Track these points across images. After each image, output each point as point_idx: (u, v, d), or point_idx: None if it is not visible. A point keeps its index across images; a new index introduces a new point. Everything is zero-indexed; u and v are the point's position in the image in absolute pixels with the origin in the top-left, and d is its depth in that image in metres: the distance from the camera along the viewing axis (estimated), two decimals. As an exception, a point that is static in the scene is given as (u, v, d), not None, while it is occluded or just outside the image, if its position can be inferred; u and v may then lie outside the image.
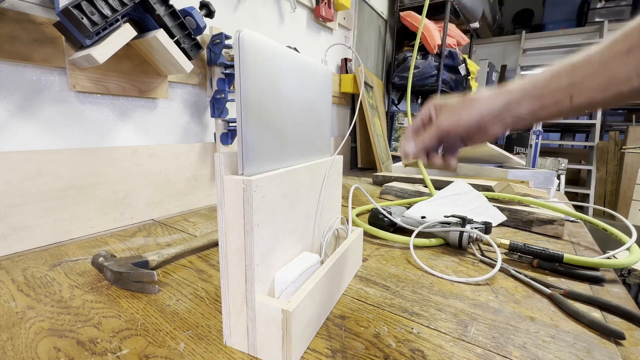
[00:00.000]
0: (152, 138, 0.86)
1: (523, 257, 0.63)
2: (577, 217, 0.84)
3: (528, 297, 0.50)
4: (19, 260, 0.59)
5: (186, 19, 0.76)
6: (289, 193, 0.40)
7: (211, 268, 0.58)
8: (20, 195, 0.61)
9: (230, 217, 0.34)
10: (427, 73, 2.00)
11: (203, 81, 0.96)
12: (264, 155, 0.37)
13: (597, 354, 0.38)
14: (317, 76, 0.47)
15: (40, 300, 0.46)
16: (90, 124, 0.73)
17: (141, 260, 0.53)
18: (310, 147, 0.47)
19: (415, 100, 2.74)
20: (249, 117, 0.33)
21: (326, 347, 0.38)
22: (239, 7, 1.06)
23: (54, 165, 0.65)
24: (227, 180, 0.34)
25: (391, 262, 0.62)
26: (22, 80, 0.62)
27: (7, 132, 0.61)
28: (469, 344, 0.39)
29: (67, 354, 0.36)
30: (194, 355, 0.36)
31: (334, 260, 0.45)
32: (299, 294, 0.36)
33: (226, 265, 0.35)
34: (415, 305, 0.47)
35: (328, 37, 1.56)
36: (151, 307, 0.45)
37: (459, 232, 0.67)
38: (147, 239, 0.71)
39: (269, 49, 0.36)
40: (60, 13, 0.56)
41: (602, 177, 3.24)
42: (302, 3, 1.34)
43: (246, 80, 0.32)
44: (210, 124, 1.01)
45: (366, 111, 1.60)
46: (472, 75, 2.41)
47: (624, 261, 0.58)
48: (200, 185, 0.97)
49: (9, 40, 0.58)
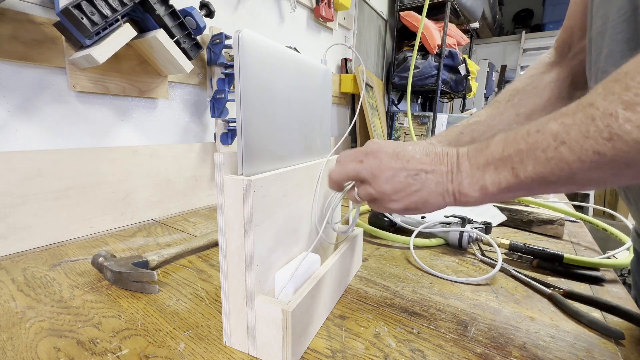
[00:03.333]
0: (152, 138, 0.86)
1: (523, 257, 0.63)
2: (577, 217, 0.84)
3: (528, 297, 0.50)
4: (19, 260, 0.59)
5: (186, 19, 0.76)
6: (288, 193, 0.40)
7: (211, 268, 0.58)
8: (20, 195, 0.61)
9: (230, 217, 0.34)
10: (427, 73, 2.00)
11: (203, 81, 0.96)
12: (264, 155, 0.37)
13: (597, 354, 0.38)
14: (317, 76, 0.47)
15: (40, 300, 0.46)
16: (90, 124, 0.73)
17: (141, 260, 0.53)
18: (310, 147, 0.47)
19: (415, 100, 2.74)
20: (249, 117, 0.33)
21: (326, 347, 0.38)
22: (239, 7, 1.06)
23: (54, 165, 0.65)
24: (227, 180, 0.34)
25: (391, 262, 0.62)
26: (22, 80, 0.62)
27: (7, 132, 0.61)
28: (469, 344, 0.39)
29: (67, 354, 0.36)
30: (194, 355, 0.36)
31: (334, 260, 0.45)
32: (299, 294, 0.36)
33: (226, 265, 0.35)
34: (415, 305, 0.47)
35: (328, 37, 1.56)
36: (151, 307, 0.45)
37: (459, 232, 0.67)
38: (147, 239, 0.71)
39: (269, 49, 0.36)
40: (60, 13, 0.56)
41: (602, 177, 3.23)
42: (302, 3, 1.34)
43: (246, 80, 0.32)
44: (210, 124, 1.01)
45: (366, 111, 1.60)
46: (472, 75, 2.41)
47: (624, 261, 0.58)
48: (200, 185, 0.97)
49: (9, 40, 0.58)
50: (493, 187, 0.28)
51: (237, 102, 0.33)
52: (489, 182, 0.28)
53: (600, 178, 0.23)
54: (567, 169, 0.24)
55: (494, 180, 0.28)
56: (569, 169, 0.24)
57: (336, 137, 1.69)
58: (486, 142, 0.30)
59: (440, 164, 0.32)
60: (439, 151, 0.33)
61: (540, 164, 0.25)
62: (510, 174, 0.27)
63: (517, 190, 0.28)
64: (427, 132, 1.90)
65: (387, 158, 0.34)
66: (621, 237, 0.72)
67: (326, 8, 1.42)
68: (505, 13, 4.52)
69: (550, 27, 3.95)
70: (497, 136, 0.29)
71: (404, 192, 0.33)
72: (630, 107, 0.21)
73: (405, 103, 2.31)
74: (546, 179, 0.25)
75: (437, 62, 1.99)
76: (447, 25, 1.98)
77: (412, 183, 0.33)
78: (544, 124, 0.25)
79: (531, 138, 0.26)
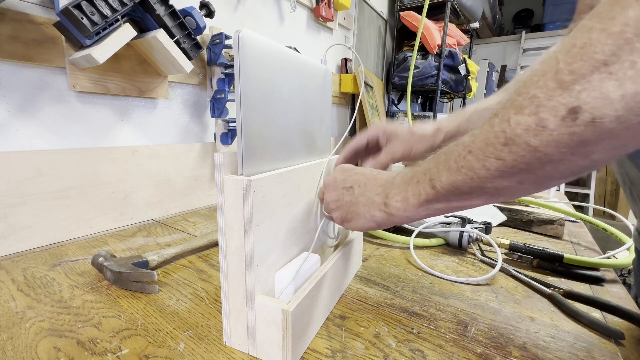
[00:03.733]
0: (152, 138, 0.86)
1: (523, 257, 0.63)
2: (577, 217, 0.84)
3: (528, 297, 0.50)
4: (19, 260, 0.59)
5: (186, 19, 0.76)
6: (288, 193, 0.40)
7: (211, 268, 0.58)
8: (20, 195, 0.61)
9: (230, 217, 0.34)
10: (427, 73, 2.00)
11: (203, 81, 0.96)
12: (264, 155, 0.37)
13: (597, 354, 0.38)
14: (317, 76, 0.47)
15: (40, 300, 0.46)
16: (90, 123, 0.73)
17: (141, 260, 0.53)
18: (310, 147, 0.47)
19: (415, 100, 2.74)
20: (249, 117, 0.33)
21: (326, 347, 0.38)
22: (239, 7, 1.06)
23: (54, 165, 0.66)
24: (227, 180, 0.34)
25: (391, 262, 0.62)
26: (22, 80, 0.62)
27: (7, 132, 0.61)
28: (469, 344, 0.39)
29: (67, 354, 0.36)
30: (194, 355, 0.36)
31: (334, 260, 0.45)
32: (299, 294, 0.36)
33: (226, 265, 0.35)
34: (415, 305, 0.47)
35: (328, 37, 1.56)
36: (151, 307, 0.45)
37: (459, 232, 0.67)
38: (147, 239, 0.71)
39: (269, 49, 0.36)
40: (60, 13, 0.56)
41: (602, 177, 3.24)
42: (302, 3, 1.34)
43: (246, 80, 0.32)
44: (210, 124, 1.01)
45: (366, 111, 1.60)
46: (472, 75, 2.41)
47: (624, 261, 0.58)
48: (200, 185, 0.97)
49: (9, 40, 0.58)
50: (414, 199, 0.29)
51: (237, 102, 0.33)
52: (410, 194, 0.29)
53: (508, 187, 0.24)
54: (476, 177, 0.24)
55: (415, 192, 0.29)
56: (477, 177, 0.24)
57: (336, 137, 1.69)
58: (427, 158, 0.31)
59: (377, 179, 0.34)
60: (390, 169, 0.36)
61: (453, 173, 0.26)
62: (428, 186, 0.28)
63: (436, 203, 0.28)
64: (427, 132, 1.90)
65: (337, 172, 0.38)
66: (621, 237, 0.72)
67: (326, 8, 1.42)
68: (505, 13, 4.53)
69: (550, 27, 3.95)
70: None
71: (338, 203, 0.36)
72: (519, 110, 0.21)
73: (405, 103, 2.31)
74: (459, 188, 0.26)
75: (437, 62, 1.99)
76: (447, 25, 1.98)
77: (344, 194, 0.36)
78: (462, 137, 0.26)
79: (449, 150, 0.27)
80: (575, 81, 0.19)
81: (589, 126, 0.19)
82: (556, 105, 0.20)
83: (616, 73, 0.18)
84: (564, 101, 0.19)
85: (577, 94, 0.19)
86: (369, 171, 0.36)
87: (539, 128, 0.20)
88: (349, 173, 0.37)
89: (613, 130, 0.18)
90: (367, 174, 0.36)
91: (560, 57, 0.20)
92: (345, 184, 0.36)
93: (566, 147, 0.20)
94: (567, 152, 0.20)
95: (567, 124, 0.19)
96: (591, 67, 0.18)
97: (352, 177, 0.36)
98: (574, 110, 0.19)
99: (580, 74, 0.19)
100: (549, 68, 0.20)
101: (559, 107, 0.19)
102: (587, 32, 0.19)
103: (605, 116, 0.18)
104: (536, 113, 0.20)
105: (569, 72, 0.19)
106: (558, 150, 0.20)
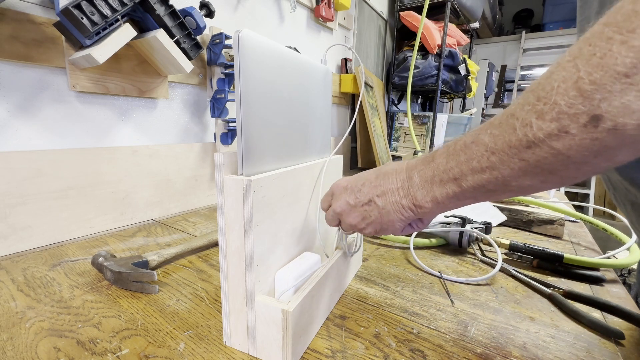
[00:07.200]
0: (152, 138, 0.86)
1: (523, 257, 0.63)
2: (577, 217, 0.84)
3: (528, 297, 0.50)
4: (19, 260, 0.59)
5: (186, 19, 0.76)
6: (288, 193, 0.40)
7: (211, 268, 0.58)
8: (20, 195, 0.61)
9: (230, 217, 0.34)
10: (427, 73, 2.00)
11: (203, 81, 0.95)
12: (264, 155, 0.37)
13: (597, 354, 0.38)
14: (317, 76, 0.47)
15: (40, 300, 0.46)
16: (90, 124, 0.73)
17: (141, 260, 0.53)
18: (310, 147, 0.47)
19: (415, 100, 2.74)
20: (249, 117, 0.33)
21: (326, 347, 0.38)
22: (239, 7, 1.06)
23: (54, 165, 0.65)
24: (227, 180, 0.34)
25: (391, 262, 0.62)
26: (22, 80, 0.62)
27: (7, 132, 0.61)
28: (469, 344, 0.39)
29: (67, 354, 0.36)
30: (194, 355, 0.36)
31: (334, 260, 0.45)
32: (299, 294, 0.36)
33: (226, 265, 0.35)
34: (415, 305, 0.47)
35: (328, 37, 1.56)
36: (151, 307, 0.45)
37: (459, 232, 0.67)
38: (147, 239, 0.71)
39: (269, 49, 0.36)
40: (60, 13, 0.56)
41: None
42: (302, 3, 1.33)
43: (246, 80, 0.32)
44: (210, 124, 1.01)
45: (366, 111, 1.60)
46: (472, 75, 2.41)
47: (624, 261, 0.58)
48: (200, 185, 0.97)
49: (9, 40, 0.58)
50: (442, 198, 0.30)
51: (237, 102, 0.33)
52: (437, 194, 0.30)
53: (531, 185, 0.25)
54: (501, 177, 0.25)
55: (442, 192, 0.30)
56: (502, 177, 0.25)
57: (336, 137, 1.68)
58: (431, 154, 0.32)
59: (390, 183, 0.34)
60: (388, 170, 0.35)
61: (478, 173, 0.27)
62: (454, 185, 0.29)
63: (464, 199, 0.30)
64: (427, 132, 1.90)
65: (343, 195, 0.38)
66: (621, 237, 0.72)
67: (326, 8, 1.42)
68: (505, 13, 4.52)
69: (550, 27, 3.95)
70: (440, 148, 0.31)
71: (367, 220, 0.36)
72: (541, 116, 0.22)
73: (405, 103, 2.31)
74: (485, 187, 0.27)
75: (437, 62, 1.99)
76: (447, 25, 1.98)
77: (368, 210, 0.36)
78: (477, 134, 0.27)
79: (468, 150, 0.27)
80: (596, 90, 0.19)
81: (610, 133, 0.19)
82: (577, 112, 0.20)
83: (637, 84, 0.18)
84: (585, 109, 0.20)
85: (598, 102, 0.19)
86: (369, 175, 0.37)
87: (561, 133, 0.21)
88: (353, 189, 0.37)
89: (635, 136, 0.19)
90: (373, 181, 0.36)
91: (580, 65, 0.20)
92: (361, 200, 0.36)
93: (589, 151, 0.21)
94: (590, 155, 0.21)
95: (589, 130, 0.20)
96: (612, 78, 0.19)
97: (362, 191, 0.36)
98: (595, 117, 0.20)
99: (601, 84, 0.19)
100: (569, 75, 0.21)
101: (580, 115, 0.20)
102: (607, 42, 0.19)
103: (627, 124, 0.19)
104: (558, 119, 0.21)
105: (590, 81, 0.20)
106: (581, 154, 0.21)
